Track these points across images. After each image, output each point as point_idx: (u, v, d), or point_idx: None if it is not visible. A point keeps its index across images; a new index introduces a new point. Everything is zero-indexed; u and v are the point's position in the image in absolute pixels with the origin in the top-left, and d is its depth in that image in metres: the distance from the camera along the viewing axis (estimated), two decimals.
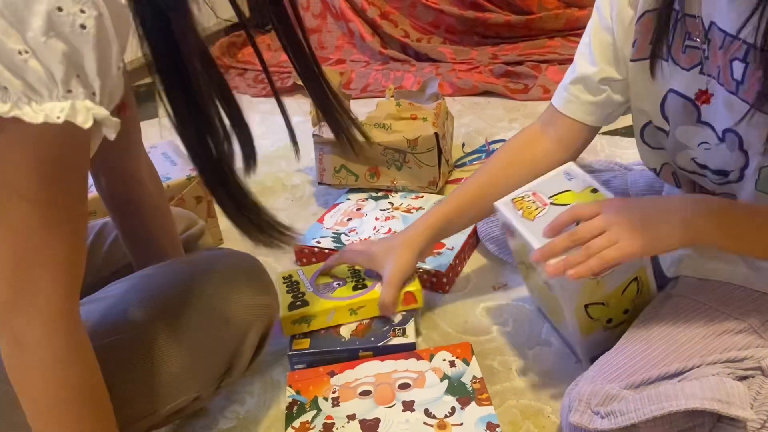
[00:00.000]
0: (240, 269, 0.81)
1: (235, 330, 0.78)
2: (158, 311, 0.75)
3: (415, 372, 0.85)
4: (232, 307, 0.77)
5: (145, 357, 0.72)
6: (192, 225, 1.02)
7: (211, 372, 0.78)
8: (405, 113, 1.29)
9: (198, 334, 0.75)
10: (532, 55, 2.00)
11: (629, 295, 0.81)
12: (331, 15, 2.29)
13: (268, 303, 0.82)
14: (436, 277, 1.07)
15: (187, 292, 0.76)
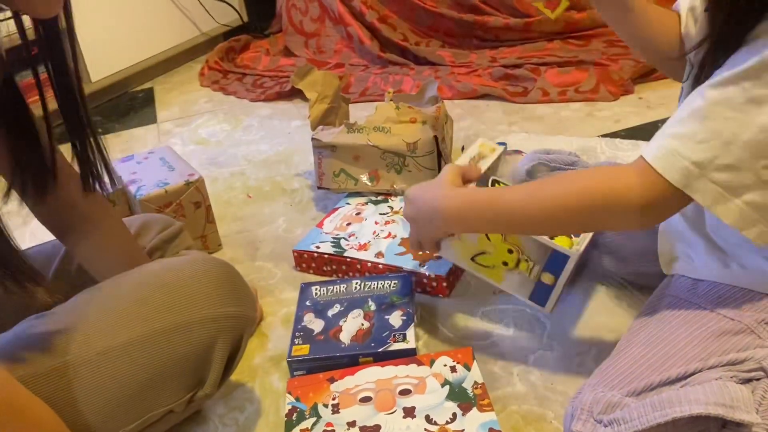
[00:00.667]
0: (205, 277, 0.75)
1: (196, 344, 0.72)
2: (109, 327, 0.71)
3: (415, 378, 0.84)
4: (192, 319, 0.72)
5: (97, 378, 0.68)
6: (167, 227, 0.98)
7: (175, 389, 0.73)
8: (404, 117, 1.28)
9: (153, 350, 0.70)
10: (531, 57, 1.99)
11: (496, 239, 0.91)
12: (329, 19, 2.29)
13: (237, 314, 0.75)
14: (436, 282, 1.06)
15: (140, 304, 0.72)
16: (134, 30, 2.26)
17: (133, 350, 0.70)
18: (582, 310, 1.01)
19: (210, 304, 0.73)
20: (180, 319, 0.72)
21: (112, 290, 0.76)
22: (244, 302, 0.77)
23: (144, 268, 0.79)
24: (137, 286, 0.75)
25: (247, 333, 0.78)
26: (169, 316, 0.71)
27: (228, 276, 0.77)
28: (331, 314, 0.99)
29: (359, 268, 1.12)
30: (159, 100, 2.19)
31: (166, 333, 0.71)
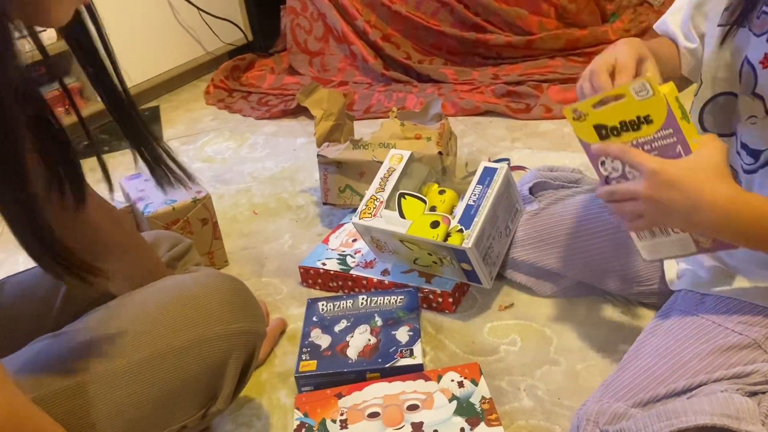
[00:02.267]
0: (216, 294, 0.75)
1: (209, 361, 0.73)
2: (123, 346, 0.71)
3: (423, 393, 0.84)
4: (205, 336, 0.72)
5: (112, 397, 0.69)
6: (176, 244, 0.99)
7: (189, 406, 0.73)
8: (409, 133, 1.30)
9: (167, 368, 0.71)
10: (533, 74, 2.01)
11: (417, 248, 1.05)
12: (333, 38, 2.32)
13: (249, 330, 0.75)
14: (442, 297, 1.06)
15: (152, 323, 0.72)
16: (140, 49, 2.28)
17: (146, 369, 0.70)
18: (588, 325, 1.01)
19: (222, 321, 0.73)
20: (193, 336, 0.72)
21: (124, 310, 0.76)
22: (255, 318, 0.78)
23: (155, 286, 0.80)
24: (149, 305, 0.75)
25: (258, 347, 0.78)
26: (182, 335, 0.72)
27: (238, 292, 0.77)
28: (338, 330, 0.99)
29: (365, 284, 1.13)
30: (165, 118, 2.21)
31: (180, 351, 0.71)
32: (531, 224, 1.08)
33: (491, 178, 1.05)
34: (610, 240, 1.01)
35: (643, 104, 0.69)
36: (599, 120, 0.73)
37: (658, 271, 0.97)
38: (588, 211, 1.04)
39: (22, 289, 0.88)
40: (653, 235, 0.77)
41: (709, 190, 0.65)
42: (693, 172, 0.67)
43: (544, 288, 1.08)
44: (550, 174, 1.13)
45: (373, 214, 1.08)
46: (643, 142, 0.72)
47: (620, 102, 0.71)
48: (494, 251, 1.06)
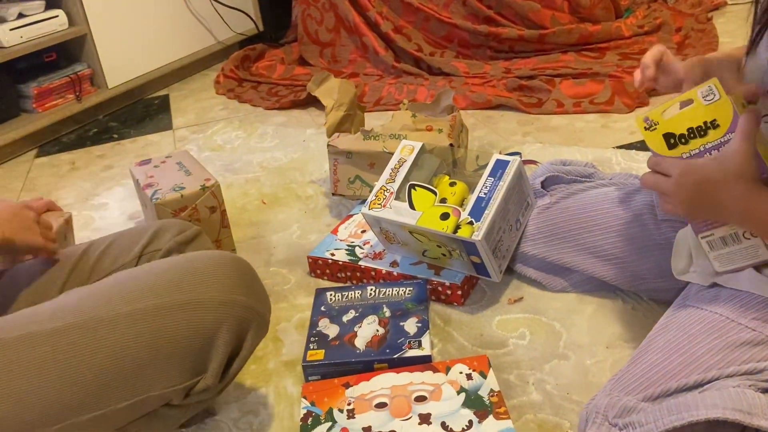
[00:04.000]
0: (218, 265, 0.74)
1: (200, 325, 0.71)
2: (114, 297, 0.70)
3: (431, 384, 0.84)
4: (198, 298, 0.71)
5: (94, 344, 0.68)
6: (183, 230, 0.96)
7: (174, 372, 0.70)
8: (420, 124, 1.29)
9: (155, 324, 0.69)
10: (545, 69, 1.99)
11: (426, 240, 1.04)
12: (344, 29, 2.31)
13: (244, 303, 0.73)
14: (450, 290, 1.06)
15: (149, 281, 0.71)
16: (151, 38, 2.28)
17: (134, 322, 0.69)
18: (598, 320, 1.00)
19: (218, 288, 0.72)
20: (185, 298, 0.71)
21: (133, 272, 0.76)
22: (255, 296, 0.76)
23: (162, 260, 0.80)
24: (153, 268, 0.75)
25: (254, 328, 0.75)
26: (174, 295, 0.71)
27: (241, 268, 0.77)
28: (346, 320, 0.99)
29: (373, 276, 1.12)
30: (174, 107, 2.21)
31: (171, 309, 0.70)
32: (542, 218, 1.07)
33: (503, 171, 1.05)
34: (622, 236, 1.00)
35: (709, 109, 0.71)
36: (668, 128, 0.75)
37: (668, 268, 0.96)
38: (601, 206, 1.03)
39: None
40: (725, 244, 0.77)
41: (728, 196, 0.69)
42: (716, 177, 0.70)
43: (554, 283, 1.08)
44: (563, 168, 1.12)
45: (382, 205, 1.07)
46: (711, 147, 0.73)
47: (688, 108, 0.73)
48: (504, 244, 1.05)
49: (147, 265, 0.78)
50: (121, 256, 0.90)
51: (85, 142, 2.00)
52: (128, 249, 0.91)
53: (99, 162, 1.84)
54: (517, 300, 1.07)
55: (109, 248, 0.91)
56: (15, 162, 1.92)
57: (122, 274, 0.77)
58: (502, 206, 1.02)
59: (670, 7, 2.47)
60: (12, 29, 1.89)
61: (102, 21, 2.10)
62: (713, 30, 2.23)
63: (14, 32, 1.90)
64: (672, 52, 2.07)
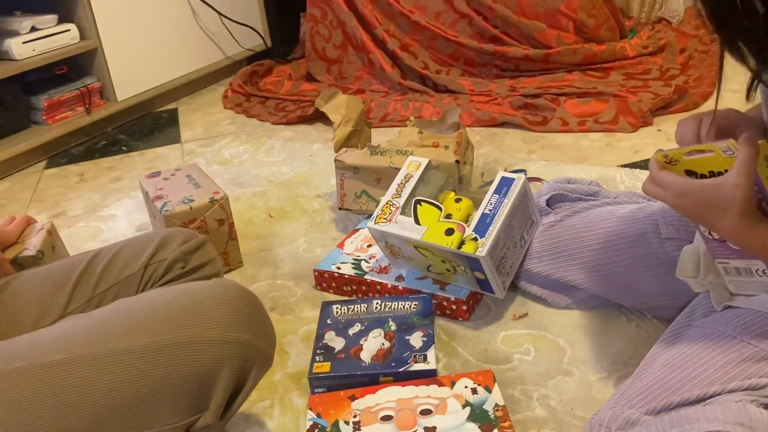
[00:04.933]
0: (222, 300, 0.72)
1: (201, 364, 0.69)
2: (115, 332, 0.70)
3: (436, 398, 0.84)
4: (201, 337, 0.70)
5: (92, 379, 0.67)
6: (188, 239, 0.96)
7: (173, 409, 0.69)
8: (427, 141, 1.30)
9: (156, 361, 0.68)
10: (550, 88, 2.01)
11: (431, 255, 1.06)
12: (352, 46, 2.33)
13: (249, 342, 0.72)
14: (456, 305, 1.07)
15: (151, 316, 0.71)
16: (160, 52, 2.31)
17: (134, 358, 0.68)
18: (602, 337, 1.01)
19: (222, 326, 0.71)
20: (188, 335, 0.70)
21: (133, 302, 0.76)
22: (260, 333, 0.74)
23: (164, 288, 0.79)
24: (153, 301, 0.74)
25: (257, 366, 0.74)
26: (177, 332, 0.70)
27: (247, 304, 0.75)
28: (352, 333, 1.00)
29: (379, 290, 1.13)
30: (183, 120, 2.23)
31: (172, 347, 0.69)
32: (547, 236, 1.09)
33: (508, 188, 1.06)
34: (626, 254, 1.01)
35: (728, 160, 0.72)
36: (690, 166, 0.76)
37: (672, 286, 0.97)
38: (605, 224, 1.04)
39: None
40: (738, 273, 0.79)
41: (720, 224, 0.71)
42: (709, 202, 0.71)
43: (559, 300, 1.08)
44: (568, 186, 1.14)
45: (388, 219, 1.08)
46: None
47: (708, 156, 0.74)
48: (508, 261, 1.06)
49: (149, 296, 0.77)
50: (128, 266, 0.91)
51: (93, 154, 2.02)
52: (135, 259, 0.91)
53: (108, 174, 1.86)
54: (522, 316, 1.08)
55: (117, 257, 0.92)
56: (24, 173, 1.94)
57: (123, 304, 0.76)
58: (507, 223, 1.03)
59: (674, 28, 2.50)
60: (25, 42, 1.92)
61: (113, 35, 2.13)
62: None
63: (27, 45, 1.93)
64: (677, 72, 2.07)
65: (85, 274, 0.88)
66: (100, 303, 0.86)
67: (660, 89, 1.91)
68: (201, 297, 0.73)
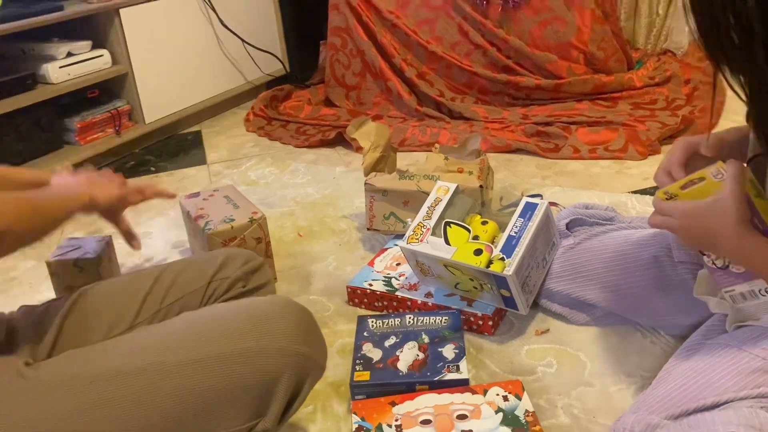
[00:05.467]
0: (283, 315, 0.80)
1: (264, 373, 0.76)
2: (187, 341, 0.77)
3: (471, 405, 0.92)
4: (265, 348, 0.77)
5: (166, 385, 0.74)
6: (250, 260, 1.05)
7: (237, 414, 0.76)
8: (452, 166, 1.39)
9: (224, 370, 0.75)
10: (561, 116, 2.11)
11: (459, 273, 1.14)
12: (370, 74, 2.43)
13: (306, 354, 0.79)
14: (482, 320, 1.15)
15: (219, 328, 0.78)
16: (186, 77, 2.41)
17: (201, 368, 0.75)
18: (619, 351, 1.09)
19: (283, 338, 0.78)
20: (252, 346, 0.77)
21: (195, 316, 0.84)
22: (315, 346, 0.82)
23: (229, 303, 0.88)
24: (219, 314, 0.82)
25: (311, 377, 0.81)
26: (243, 343, 0.77)
27: (305, 319, 0.83)
28: (388, 345, 1.07)
29: (409, 305, 1.21)
30: (207, 142, 2.32)
31: (237, 357, 0.76)
32: (567, 258, 1.17)
33: (532, 213, 1.14)
34: (641, 275, 1.09)
35: (720, 185, 0.81)
36: (688, 197, 0.85)
37: (684, 306, 1.05)
38: (621, 247, 1.12)
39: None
40: (744, 298, 0.88)
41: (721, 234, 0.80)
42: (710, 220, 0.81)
43: (578, 317, 1.16)
44: (586, 211, 1.22)
45: (420, 240, 1.16)
46: None
47: (702, 184, 0.84)
48: (532, 280, 1.14)
49: (214, 310, 0.85)
50: (193, 282, 0.99)
51: (123, 174, 2.09)
52: (200, 275, 0.99)
53: None
54: (544, 332, 1.15)
55: (183, 273, 0.99)
56: None
57: (191, 316, 0.84)
58: (531, 245, 1.11)
59: (679, 59, 2.60)
60: (61, 67, 2.02)
61: (143, 61, 2.23)
62: (720, 82, 2.34)
63: (63, 70, 2.02)
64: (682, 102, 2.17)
65: (154, 288, 0.96)
66: (166, 315, 0.93)
67: (667, 119, 2.01)
68: (264, 312, 0.81)
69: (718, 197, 0.80)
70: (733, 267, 0.87)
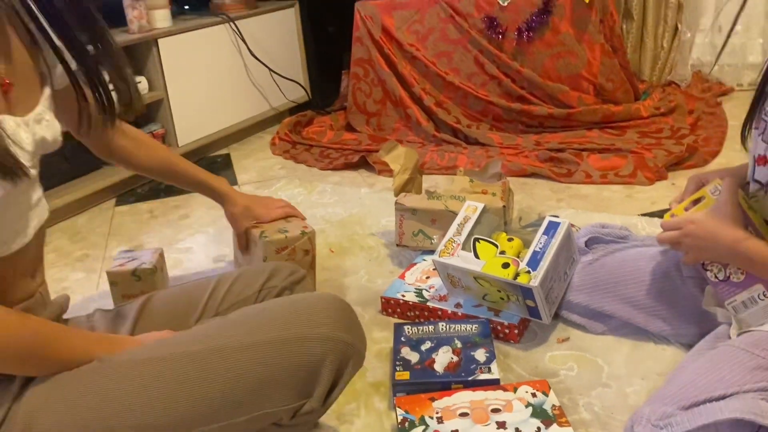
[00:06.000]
0: (326, 306, 0.89)
1: (310, 356, 0.84)
2: (245, 328, 0.86)
3: (503, 400, 1.02)
4: (310, 334, 0.85)
5: (228, 367, 0.82)
6: (294, 272, 1.16)
7: (286, 393, 0.84)
8: (477, 188, 1.51)
9: (276, 353, 0.83)
10: (572, 143, 2.24)
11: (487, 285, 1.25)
12: (390, 102, 2.57)
13: (348, 341, 0.87)
14: (509, 329, 1.25)
15: (270, 316, 0.87)
16: (217, 102, 2.55)
17: (256, 351, 0.84)
18: (634, 357, 1.20)
19: (326, 325, 0.86)
20: (300, 332, 0.85)
21: (250, 309, 0.95)
22: (356, 335, 0.92)
23: (279, 298, 0.99)
24: (270, 306, 0.93)
25: (352, 363, 0.91)
26: (292, 329, 0.87)
27: (346, 311, 0.93)
28: (424, 349, 1.18)
29: (440, 315, 1.32)
30: (237, 165, 2.45)
31: (286, 342, 0.84)
32: (586, 272, 1.28)
33: (555, 231, 1.26)
34: (654, 289, 1.20)
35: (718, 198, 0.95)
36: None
37: (692, 317, 1.16)
38: (635, 263, 1.23)
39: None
40: (745, 307, 1.00)
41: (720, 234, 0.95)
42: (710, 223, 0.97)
43: (596, 327, 1.27)
44: (602, 230, 1.34)
45: (451, 254, 1.28)
46: None
47: (702, 203, 0.97)
48: (554, 292, 1.25)
49: (267, 303, 0.96)
50: (246, 289, 1.10)
51: (158, 193, 2.23)
52: (252, 284, 1.11)
53: (175, 211, 2.07)
54: (565, 340, 1.26)
55: (237, 281, 1.11)
56: (98, 209, 2.14)
57: (248, 309, 0.95)
58: (554, 259, 1.22)
59: (683, 90, 2.74)
60: None
61: (177, 87, 2.37)
62: (722, 114, 2.49)
63: None
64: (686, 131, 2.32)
65: (212, 296, 1.07)
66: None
67: (672, 147, 2.13)
68: (310, 303, 0.91)
69: (717, 204, 0.94)
70: (733, 277, 0.99)
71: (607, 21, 2.39)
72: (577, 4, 2.29)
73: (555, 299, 1.26)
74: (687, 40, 2.81)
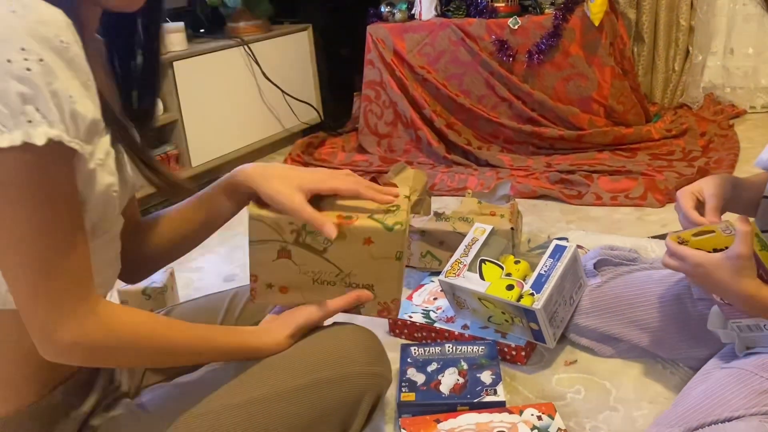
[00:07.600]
0: (359, 342, 0.93)
1: (350, 394, 0.88)
2: (283, 374, 0.87)
3: (508, 423, 1.02)
4: (349, 373, 0.89)
5: (272, 415, 0.85)
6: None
7: (329, 427, 0.88)
8: (485, 210, 1.52)
9: (318, 395, 0.87)
10: (582, 165, 2.24)
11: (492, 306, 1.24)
12: (401, 123, 2.59)
13: (381, 373, 0.92)
14: (516, 351, 1.25)
15: (308, 359, 0.89)
16: (230, 124, 2.59)
17: (301, 395, 0.87)
18: (642, 381, 1.19)
19: (361, 362, 0.90)
20: (337, 372, 0.89)
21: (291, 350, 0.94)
22: (386, 366, 0.95)
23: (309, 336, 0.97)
24: (304, 346, 0.92)
25: (384, 391, 0.96)
26: (328, 370, 0.89)
27: (375, 343, 0.95)
28: (430, 370, 1.18)
29: (447, 336, 1.32)
30: None
31: (329, 383, 0.88)
32: (595, 295, 1.27)
33: (561, 254, 1.26)
34: (663, 312, 1.19)
35: (729, 238, 0.92)
36: (698, 246, 0.96)
37: (702, 340, 1.15)
38: (644, 286, 1.23)
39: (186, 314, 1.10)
40: (750, 330, 0.99)
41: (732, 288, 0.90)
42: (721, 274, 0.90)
43: (604, 350, 1.26)
44: (611, 252, 1.33)
45: (457, 274, 1.28)
46: None
47: (711, 236, 0.94)
48: (559, 316, 1.24)
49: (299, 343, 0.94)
50: (260, 311, 1.11)
51: None
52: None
53: None
54: (572, 362, 1.26)
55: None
56: None
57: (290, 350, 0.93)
58: (559, 283, 1.22)
59: (695, 113, 2.74)
60: None
61: (192, 109, 2.41)
62: (734, 136, 2.48)
63: None
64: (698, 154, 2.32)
65: (228, 311, 1.08)
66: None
67: (683, 169, 2.13)
68: (342, 342, 0.93)
69: (730, 255, 0.89)
70: None
71: (617, 44, 2.41)
72: (587, 27, 2.31)
73: (560, 323, 1.25)
74: (698, 63, 2.81)
